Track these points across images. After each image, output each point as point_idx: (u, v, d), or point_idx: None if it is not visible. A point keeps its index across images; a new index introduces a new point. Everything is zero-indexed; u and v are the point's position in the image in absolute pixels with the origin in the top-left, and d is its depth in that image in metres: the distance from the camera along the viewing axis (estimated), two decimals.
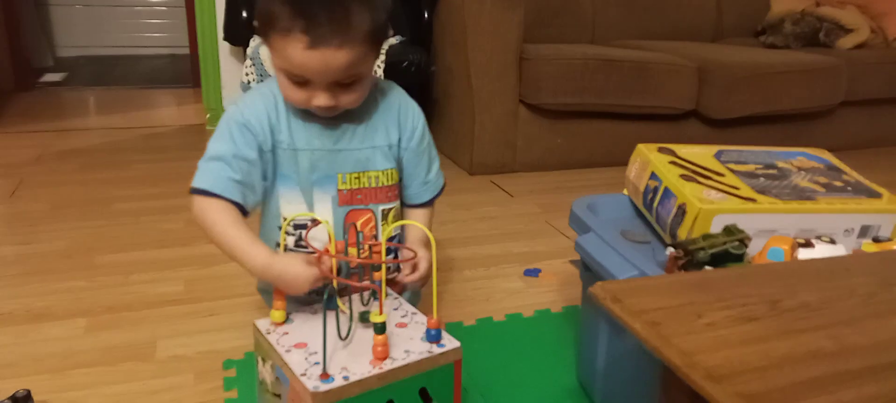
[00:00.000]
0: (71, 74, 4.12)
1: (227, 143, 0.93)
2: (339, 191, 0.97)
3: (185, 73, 4.07)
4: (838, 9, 2.94)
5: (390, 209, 1.01)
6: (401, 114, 1.01)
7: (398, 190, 1.03)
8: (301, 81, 0.88)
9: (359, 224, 0.98)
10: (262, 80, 2.38)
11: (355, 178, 0.98)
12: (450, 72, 2.46)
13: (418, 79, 2.42)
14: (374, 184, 0.99)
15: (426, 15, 2.58)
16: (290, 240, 0.99)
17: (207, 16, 2.78)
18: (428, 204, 1.08)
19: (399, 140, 1.01)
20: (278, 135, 0.94)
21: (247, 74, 2.43)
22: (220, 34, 2.75)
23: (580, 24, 2.84)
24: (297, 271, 0.84)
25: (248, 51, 2.41)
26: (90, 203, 1.95)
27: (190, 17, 3.50)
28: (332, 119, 0.95)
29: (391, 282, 1.03)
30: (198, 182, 0.93)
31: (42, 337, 1.24)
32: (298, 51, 0.84)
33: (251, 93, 0.97)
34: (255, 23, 0.90)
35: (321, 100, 0.88)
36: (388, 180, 1.00)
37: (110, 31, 4.91)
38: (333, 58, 0.84)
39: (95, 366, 1.16)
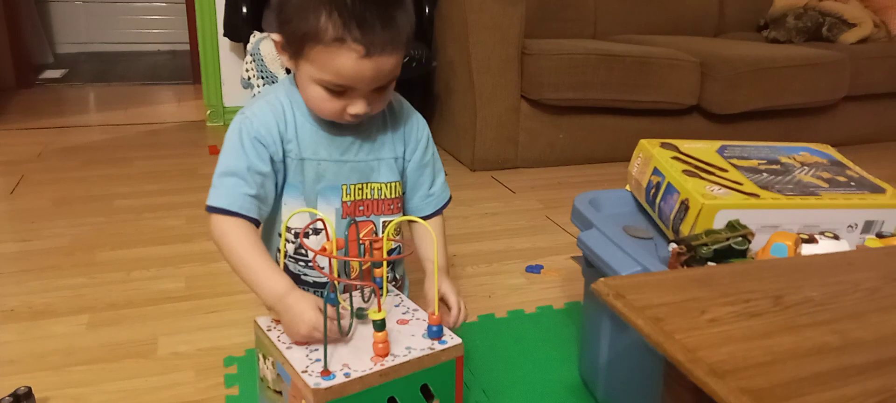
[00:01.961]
0: (71, 71, 4.12)
1: (240, 157, 0.90)
2: (343, 202, 0.96)
3: (186, 70, 4.07)
4: (841, 3, 2.93)
5: (392, 222, 1.01)
6: (407, 127, 1.00)
7: (401, 202, 1.03)
8: (340, 91, 0.87)
9: (362, 234, 0.98)
10: (262, 77, 2.37)
11: (358, 189, 0.97)
12: (451, 68, 2.45)
13: (419, 75, 2.42)
14: (377, 196, 0.98)
15: (427, 10, 2.58)
16: (290, 248, 0.98)
17: (207, 12, 2.78)
18: (432, 217, 1.06)
19: (404, 152, 1.00)
20: (287, 145, 0.93)
21: (247, 70, 2.42)
22: (220, 30, 2.75)
23: (582, 19, 2.83)
24: (301, 309, 0.80)
25: (249, 47, 2.41)
26: (91, 199, 1.95)
27: (190, 13, 3.49)
28: (340, 130, 0.94)
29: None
30: (214, 200, 0.89)
31: (44, 334, 1.24)
32: (352, 61, 0.82)
33: (259, 102, 0.95)
34: (280, 36, 0.88)
35: (359, 107, 0.87)
36: (391, 193, 1.00)
37: (110, 27, 4.91)
38: (385, 64, 0.84)
39: (97, 363, 1.16)
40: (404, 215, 1.06)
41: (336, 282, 0.84)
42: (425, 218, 1.05)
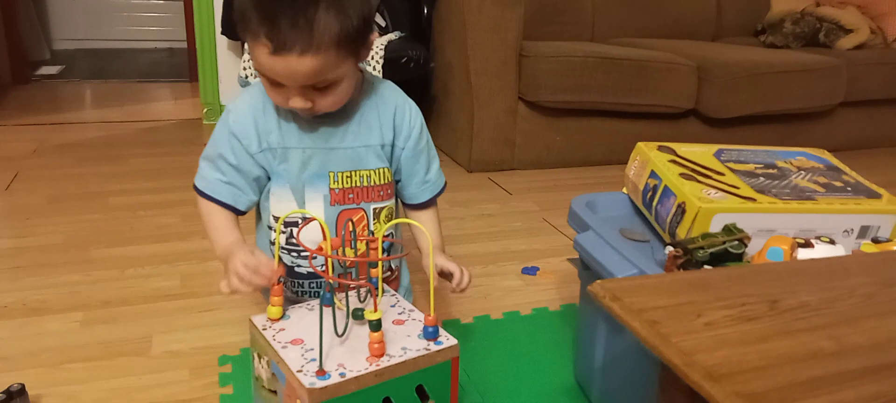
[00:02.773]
0: (68, 67, 4.11)
1: (216, 145, 0.96)
2: (330, 190, 0.96)
3: (183, 67, 4.06)
4: (838, 9, 2.94)
5: (383, 208, 1.00)
6: (397, 115, 1.00)
7: (391, 189, 1.02)
8: (275, 82, 0.88)
9: (354, 220, 0.97)
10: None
11: (347, 177, 0.97)
12: (449, 69, 2.45)
13: (417, 75, 2.42)
14: (365, 183, 0.98)
15: (426, 11, 2.57)
16: (283, 239, 0.98)
17: (205, 10, 2.77)
18: (429, 203, 1.07)
19: (393, 141, 1.00)
20: (268, 136, 0.94)
21: (245, 69, 2.42)
22: (218, 28, 2.74)
23: (580, 22, 2.84)
24: (235, 251, 0.88)
25: (246, 45, 2.41)
26: (87, 197, 1.94)
27: (187, 10, 3.50)
28: (326, 117, 0.94)
29: (387, 282, 1.02)
30: (197, 180, 0.99)
31: (38, 331, 1.24)
32: (264, 55, 0.84)
33: (243, 95, 0.97)
34: None
35: (296, 102, 0.88)
36: (380, 179, 0.99)
37: (107, 24, 4.90)
38: (297, 65, 0.83)
39: (91, 361, 1.15)
40: (399, 203, 1.07)
41: (331, 282, 0.84)
42: (423, 204, 1.06)
